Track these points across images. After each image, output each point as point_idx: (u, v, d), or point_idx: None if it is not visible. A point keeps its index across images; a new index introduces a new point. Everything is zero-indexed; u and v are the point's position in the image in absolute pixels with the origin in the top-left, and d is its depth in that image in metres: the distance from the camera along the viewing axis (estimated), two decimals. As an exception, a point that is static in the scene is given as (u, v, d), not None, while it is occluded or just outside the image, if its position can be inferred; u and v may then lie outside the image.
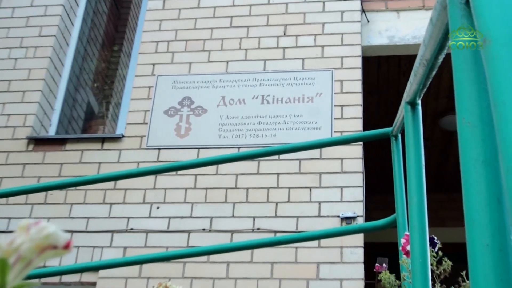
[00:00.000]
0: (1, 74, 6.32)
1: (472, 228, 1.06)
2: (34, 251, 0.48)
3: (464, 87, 1.14)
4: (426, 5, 6.43)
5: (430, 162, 6.46)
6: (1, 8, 6.70)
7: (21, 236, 0.48)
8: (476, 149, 1.10)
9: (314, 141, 5.22)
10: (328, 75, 5.93)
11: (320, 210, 5.35)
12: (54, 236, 0.48)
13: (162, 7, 6.45)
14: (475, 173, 1.08)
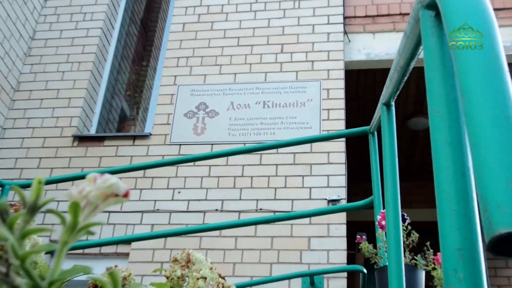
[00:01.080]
0: (51, 84, 6.32)
1: (442, 197, 1.06)
2: (100, 198, 0.48)
3: (434, 84, 1.14)
4: (397, 28, 6.42)
5: (399, 156, 6.47)
6: (51, 31, 6.69)
7: (89, 185, 0.48)
8: (444, 133, 1.10)
9: (306, 137, 5.22)
10: (317, 85, 5.92)
11: (310, 194, 5.35)
12: (116, 186, 0.48)
13: (182, 30, 6.44)
14: (443, 152, 1.08)
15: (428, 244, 3.16)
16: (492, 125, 0.77)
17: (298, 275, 4.70)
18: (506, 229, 0.69)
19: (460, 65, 0.86)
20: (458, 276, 0.97)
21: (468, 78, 0.83)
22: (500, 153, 0.75)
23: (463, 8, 1.01)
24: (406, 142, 7.74)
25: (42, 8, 6.89)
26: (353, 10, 6.58)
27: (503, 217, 0.70)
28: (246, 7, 6.48)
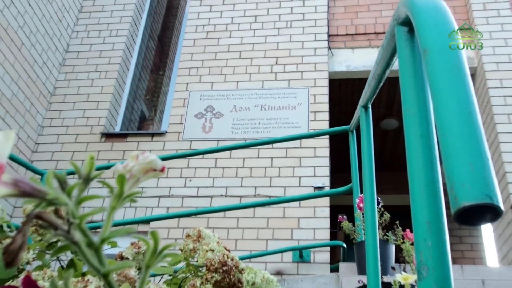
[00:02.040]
0: (82, 89, 6.32)
1: (413, 180, 1.07)
2: (141, 172, 0.49)
3: (407, 86, 1.14)
4: (372, 45, 6.43)
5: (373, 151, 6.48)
6: (82, 45, 6.69)
7: (132, 162, 0.49)
8: (415, 127, 1.10)
9: (296, 135, 5.24)
10: (306, 91, 5.93)
11: (300, 182, 5.36)
12: (155, 162, 0.49)
13: (193, 45, 6.43)
14: (415, 143, 1.09)
15: (397, 223, 3.19)
16: (457, 119, 0.78)
17: (289, 249, 4.72)
18: (469, 203, 0.70)
19: (430, 68, 0.87)
20: (427, 244, 0.98)
21: (436, 78, 0.85)
22: (464, 142, 0.76)
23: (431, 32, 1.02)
24: (378, 139, 7.75)
25: (75, 25, 6.88)
26: (336, 29, 6.59)
27: (466, 193, 0.71)
28: (246, 26, 6.48)
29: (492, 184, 0.72)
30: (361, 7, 6.74)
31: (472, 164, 0.73)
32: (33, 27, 6.03)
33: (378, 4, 6.73)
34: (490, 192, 0.71)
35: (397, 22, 1.26)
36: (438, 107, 0.81)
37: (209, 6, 6.73)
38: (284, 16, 6.49)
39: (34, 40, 6.05)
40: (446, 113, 0.79)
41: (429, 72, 0.87)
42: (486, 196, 0.70)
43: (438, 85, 0.83)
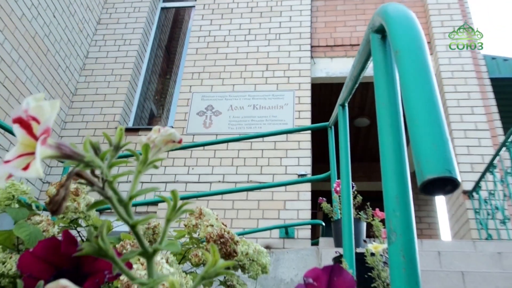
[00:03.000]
0: (100, 90, 6.28)
1: (385, 160, 1.07)
2: (162, 142, 0.49)
3: (380, 84, 1.15)
4: (348, 55, 6.45)
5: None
6: (100, 52, 6.64)
7: (155, 134, 0.50)
8: (386, 118, 1.11)
9: (283, 130, 5.25)
10: (292, 94, 5.93)
11: (286, 170, 5.38)
12: (174, 135, 0.50)
13: (195, 53, 6.42)
14: (386, 131, 1.09)
15: (368, 204, 3.22)
16: (424, 108, 0.80)
17: (277, 227, 4.73)
18: (432, 176, 0.72)
19: (401, 66, 0.88)
20: (395, 214, 0.99)
21: (406, 75, 0.86)
22: (428, 126, 0.77)
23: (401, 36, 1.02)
24: (352, 135, 7.72)
25: (94, 35, 6.83)
26: (318, 41, 6.59)
27: (430, 168, 0.72)
28: (241, 37, 6.47)
29: (452, 161, 0.73)
30: (339, 23, 6.75)
31: (435, 145, 0.75)
32: (57, 36, 5.98)
33: (353, 21, 6.75)
34: (450, 167, 0.72)
35: (372, 30, 1.27)
36: (407, 97, 0.82)
37: (210, 20, 6.72)
38: (273, 30, 6.49)
39: (58, 47, 6.00)
40: (414, 102, 0.80)
41: (400, 69, 0.88)
42: (446, 170, 0.71)
43: (407, 79, 0.84)
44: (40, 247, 0.47)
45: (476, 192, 5.03)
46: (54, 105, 0.38)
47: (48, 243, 0.48)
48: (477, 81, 5.83)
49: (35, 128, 0.39)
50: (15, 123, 0.39)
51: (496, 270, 2.85)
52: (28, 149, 0.40)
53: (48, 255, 0.47)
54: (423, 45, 0.90)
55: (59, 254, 0.47)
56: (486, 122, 5.55)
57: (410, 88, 0.81)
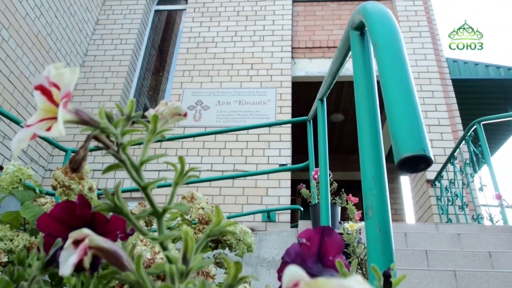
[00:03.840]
0: (98, 85, 6.19)
1: (362, 144, 1.07)
2: (169, 114, 0.49)
3: (358, 75, 1.16)
4: (325, 56, 6.46)
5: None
6: (98, 50, 6.54)
7: (162, 107, 0.49)
8: (364, 107, 1.12)
9: (266, 123, 5.25)
10: (274, 91, 5.93)
11: (268, 160, 5.38)
12: (180, 108, 0.50)
13: (186, 52, 6.36)
14: (364, 117, 1.10)
15: (342, 190, 3.25)
16: (400, 93, 0.80)
17: (260, 211, 4.75)
18: (408, 154, 0.72)
19: (380, 57, 0.89)
20: (372, 192, 1.00)
21: (383, 65, 0.86)
22: (405, 110, 0.78)
23: (380, 31, 1.03)
24: (327, 130, 7.78)
25: (92, 34, 6.72)
26: (298, 44, 6.60)
27: (406, 147, 0.73)
28: (228, 39, 6.44)
29: (425, 141, 0.74)
30: (317, 27, 6.76)
31: (411, 126, 0.76)
32: (58, 35, 5.86)
33: (330, 25, 6.76)
34: (424, 146, 0.73)
35: (351, 28, 1.27)
36: (386, 85, 0.82)
37: (200, 22, 6.66)
38: (258, 32, 6.47)
39: (60, 45, 5.89)
40: (392, 89, 0.81)
41: (378, 60, 0.89)
42: (421, 149, 0.72)
43: (386, 69, 0.85)
44: (57, 209, 0.47)
45: (438, 181, 5.12)
46: (74, 72, 0.37)
47: (65, 205, 0.47)
48: (440, 81, 5.92)
49: (55, 94, 0.39)
50: (37, 90, 0.39)
51: (455, 249, 2.91)
52: (48, 114, 0.39)
53: (64, 217, 0.46)
54: (400, 39, 0.90)
55: (75, 216, 0.46)
56: (447, 118, 5.64)
57: (389, 77, 0.81)
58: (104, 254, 0.32)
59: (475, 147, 4.52)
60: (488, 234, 3.18)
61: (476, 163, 4.52)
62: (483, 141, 4.35)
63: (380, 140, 1.09)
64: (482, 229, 3.62)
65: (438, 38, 6.33)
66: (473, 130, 4.48)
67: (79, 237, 0.32)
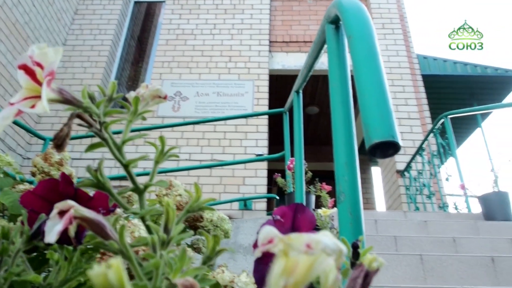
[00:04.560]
0: (77, 75, 6.05)
1: (336, 132, 1.09)
2: (150, 97, 0.49)
3: (333, 67, 1.17)
4: (301, 50, 6.49)
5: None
6: (77, 40, 6.39)
7: (143, 89, 0.50)
8: (338, 96, 1.14)
9: (244, 114, 5.26)
10: (251, 83, 5.93)
11: (246, 150, 5.39)
12: (160, 91, 0.50)
13: (166, 44, 6.29)
14: (337, 107, 1.12)
15: (317, 179, 3.29)
16: (372, 83, 0.82)
17: (236, 200, 4.77)
18: (378, 140, 0.75)
19: (353, 49, 0.90)
20: (344, 178, 1.02)
21: (357, 56, 0.88)
22: (376, 99, 0.80)
23: (354, 24, 1.05)
24: (303, 122, 7.85)
25: (71, 24, 6.55)
26: (275, 37, 6.60)
27: (377, 133, 0.75)
28: (207, 31, 6.39)
29: (395, 128, 0.77)
30: (294, 21, 6.78)
31: (381, 115, 0.78)
32: (37, 24, 5.70)
33: (306, 20, 6.79)
34: (393, 133, 0.75)
35: (327, 21, 1.29)
36: (358, 76, 0.84)
37: (179, 14, 6.58)
38: (236, 25, 6.44)
39: (38, 34, 5.73)
40: (365, 79, 0.83)
41: (352, 52, 0.90)
42: (390, 135, 0.75)
43: (359, 60, 0.87)
44: (40, 187, 0.47)
45: (407, 172, 5.24)
46: (57, 51, 0.37)
47: (47, 183, 0.47)
48: (411, 76, 6.03)
49: (38, 74, 0.39)
50: (20, 69, 0.39)
51: (422, 235, 2.99)
52: (32, 93, 0.39)
53: (47, 194, 0.46)
54: (373, 32, 0.92)
55: (58, 193, 0.46)
56: (417, 112, 5.76)
57: (361, 68, 0.83)
58: (89, 224, 0.33)
59: (442, 140, 4.65)
60: (453, 221, 3.29)
61: (443, 155, 4.65)
62: (450, 133, 4.47)
63: (353, 128, 1.11)
64: (447, 217, 3.73)
65: (410, 35, 6.44)
66: (441, 123, 4.60)
67: (64, 208, 0.32)
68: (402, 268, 2.40)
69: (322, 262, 0.18)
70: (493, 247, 2.77)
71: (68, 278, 0.42)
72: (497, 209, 3.57)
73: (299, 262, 0.19)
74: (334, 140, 1.12)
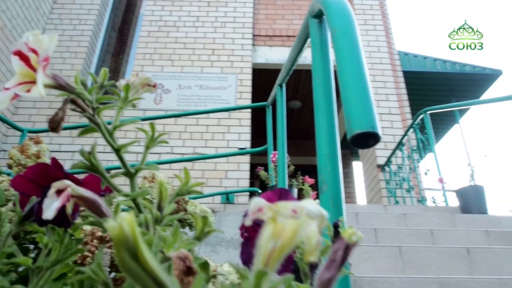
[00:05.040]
0: (56, 66, 5.93)
1: (318, 126, 1.12)
2: (140, 84, 0.51)
3: (316, 60, 1.20)
4: (284, 44, 6.51)
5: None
6: (56, 30, 6.25)
7: (133, 77, 0.51)
8: (321, 89, 1.17)
9: (227, 107, 5.26)
10: (235, 77, 5.93)
11: (228, 144, 5.40)
12: (150, 79, 0.51)
13: (147, 35, 6.22)
14: (320, 100, 1.15)
15: (299, 173, 3.33)
16: (354, 76, 0.85)
17: (219, 193, 4.77)
18: (360, 130, 0.78)
19: (337, 42, 0.93)
20: (326, 169, 1.05)
21: (339, 47, 0.91)
22: (357, 91, 0.83)
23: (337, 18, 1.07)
24: (286, 116, 7.90)
25: (50, 13, 6.43)
26: (259, 31, 6.60)
27: (358, 124, 0.78)
28: (190, 24, 6.35)
29: (375, 119, 0.80)
30: (278, 15, 6.79)
31: (362, 106, 0.81)
32: (14, 12, 5.57)
33: (290, 15, 6.81)
34: (373, 124, 0.78)
35: (311, 16, 1.31)
36: (341, 68, 0.87)
37: (161, 6, 6.52)
38: (219, 18, 6.42)
39: (15, 23, 5.60)
40: (347, 72, 0.86)
41: (335, 45, 0.93)
42: (371, 126, 0.78)
43: (341, 53, 0.90)
44: (30, 171, 0.48)
45: (387, 166, 5.34)
46: (52, 38, 0.39)
47: (37, 167, 0.48)
48: (392, 72, 6.13)
49: (33, 60, 0.40)
50: (15, 55, 0.40)
51: (401, 228, 3.07)
52: (26, 79, 0.40)
53: (37, 178, 0.48)
54: (355, 26, 0.95)
55: (48, 177, 0.48)
56: (398, 107, 5.86)
57: (344, 61, 0.86)
58: (85, 202, 0.35)
59: (422, 135, 4.75)
60: (431, 214, 3.38)
61: (422, 150, 4.75)
62: (429, 129, 4.57)
63: (335, 120, 1.14)
64: (425, 210, 3.83)
65: (391, 32, 6.53)
66: (421, 119, 4.70)
67: (61, 187, 0.34)
68: (382, 259, 2.46)
69: (306, 226, 0.21)
70: (468, 238, 2.86)
71: (60, 259, 0.43)
72: (473, 202, 3.68)
73: (286, 227, 0.21)
74: (316, 131, 1.15)
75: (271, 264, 0.21)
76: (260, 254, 0.21)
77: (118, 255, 0.15)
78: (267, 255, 0.21)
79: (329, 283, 0.29)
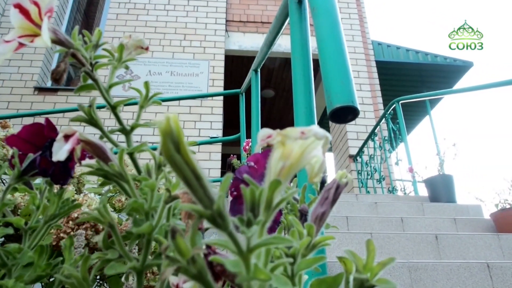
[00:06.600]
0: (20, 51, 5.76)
1: (297, 103, 1.16)
2: (133, 46, 0.53)
3: (295, 40, 1.24)
4: (259, 31, 6.53)
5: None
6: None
7: (126, 39, 0.53)
8: (299, 70, 1.21)
9: (197, 94, 5.25)
10: (207, 63, 5.91)
11: (199, 133, 5.40)
12: (142, 41, 0.54)
13: (115, 18, 6.11)
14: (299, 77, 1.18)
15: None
16: (333, 52, 0.90)
17: (190, 182, 4.77)
18: (339, 104, 0.82)
19: (317, 20, 0.97)
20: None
21: (320, 27, 0.95)
22: (337, 67, 0.88)
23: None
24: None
25: (11, -8, 6.21)
26: (232, 17, 6.60)
27: (338, 99, 0.83)
28: (161, 6, 6.27)
29: (354, 94, 0.84)
30: (252, 1, 6.80)
31: (342, 81, 0.85)
32: (-29, -11, 5.36)
33: (264, 0, 6.83)
34: (353, 99, 0.83)
35: (289, -4, 1.34)
36: (322, 45, 0.91)
37: (130, -13, 6.41)
38: (192, 2, 6.37)
39: (-28, 1, 5.39)
40: (327, 48, 0.90)
41: (316, 23, 0.97)
42: (350, 101, 0.83)
43: (322, 31, 0.94)
44: (24, 131, 0.50)
45: (359, 156, 5.47)
46: (54, -7, 0.41)
47: (31, 127, 0.50)
48: (365, 62, 6.26)
49: (33, 13, 0.42)
50: (16, 8, 0.42)
51: (372, 216, 3.18)
52: (25, 32, 0.42)
53: (32, 138, 0.49)
54: (335, 4, 1.00)
55: (43, 137, 0.49)
56: (370, 97, 6.00)
57: (325, 38, 0.90)
58: (92, 147, 0.37)
59: (393, 125, 4.89)
60: (401, 203, 3.51)
61: (394, 140, 4.90)
62: (401, 119, 4.71)
63: (313, 97, 1.18)
64: (396, 199, 3.97)
65: (366, 21, 6.66)
66: (393, 109, 4.83)
67: (69, 132, 0.36)
68: (354, 246, 2.55)
69: (313, 147, 0.24)
70: (437, 226, 3.00)
71: (58, 213, 0.45)
72: (442, 191, 3.84)
73: (294, 148, 0.24)
74: (295, 110, 1.19)
75: (281, 179, 0.24)
76: (271, 172, 0.25)
77: (164, 146, 0.18)
78: (277, 173, 0.25)
79: (323, 216, 0.33)
